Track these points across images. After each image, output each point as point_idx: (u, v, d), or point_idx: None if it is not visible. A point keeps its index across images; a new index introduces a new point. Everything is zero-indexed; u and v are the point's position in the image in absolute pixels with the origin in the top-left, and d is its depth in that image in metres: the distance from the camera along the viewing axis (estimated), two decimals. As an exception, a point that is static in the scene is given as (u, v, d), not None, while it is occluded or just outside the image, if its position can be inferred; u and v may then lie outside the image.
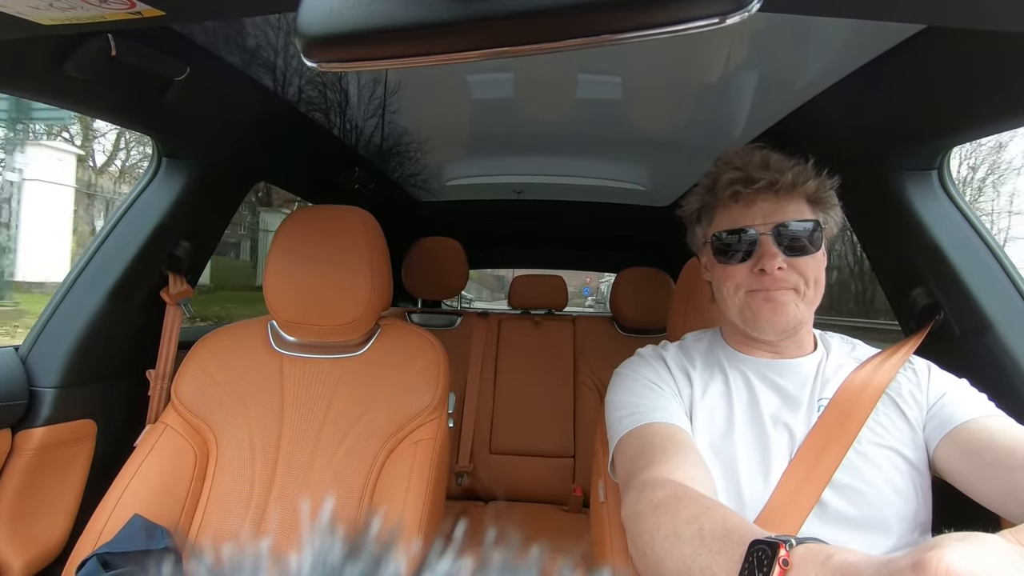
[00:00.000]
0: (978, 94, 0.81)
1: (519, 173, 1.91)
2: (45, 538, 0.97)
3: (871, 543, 0.67)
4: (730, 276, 0.77)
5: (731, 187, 0.76)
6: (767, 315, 0.74)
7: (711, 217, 0.82)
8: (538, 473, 1.76)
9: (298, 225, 1.02)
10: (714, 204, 0.81)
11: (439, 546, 0.17)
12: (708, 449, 0.74)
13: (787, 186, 0.75)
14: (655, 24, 0.35)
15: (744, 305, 0.76)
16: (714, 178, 0.80)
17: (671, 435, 0.71)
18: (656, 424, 0.73)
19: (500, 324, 2.01)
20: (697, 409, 0.77)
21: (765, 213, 0.75)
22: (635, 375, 0.83)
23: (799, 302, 0.75)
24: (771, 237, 0.74)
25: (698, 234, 0.85)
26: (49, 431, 0.97)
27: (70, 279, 1.08)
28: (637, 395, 0.79)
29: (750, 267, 0.75)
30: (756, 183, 0.75)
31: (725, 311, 0.81)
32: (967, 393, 0.75)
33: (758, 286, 0.74)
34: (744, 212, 0.76)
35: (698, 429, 0.76)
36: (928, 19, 0.56)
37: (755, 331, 0.77)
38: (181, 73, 0.92)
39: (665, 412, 0.75)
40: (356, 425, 0.96)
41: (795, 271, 0.74)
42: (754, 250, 0.75)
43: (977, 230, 0.98)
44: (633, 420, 0.75)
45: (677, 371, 0.83)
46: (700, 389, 0.80)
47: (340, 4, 0.36)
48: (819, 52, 0.94)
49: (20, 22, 0.54)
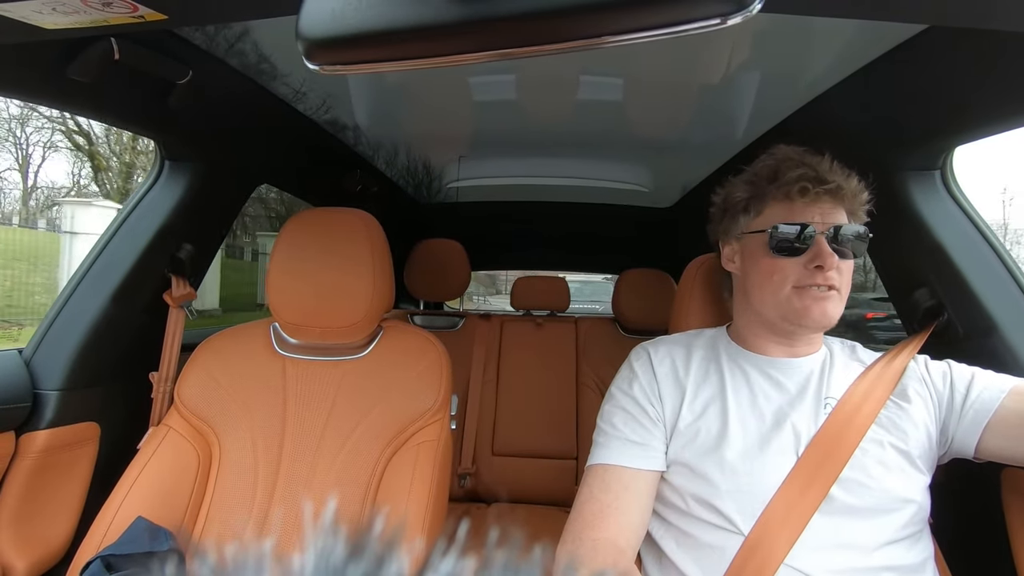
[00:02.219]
0: (982, 94, 0.81)
1: (521, 175, 1.91)
2: (49, 540, 0.97)
3: (874, 529, 0.69)
4: (779, 269, 0.77)
5: (800, 182, 0.77)
6: (816, 312, 0.75)
7: (761, 207, 0.82)
8: (541, 475, 1.76)
9: (301, 227, 1.02)
10: (769, 195, 0.81)
11: (442, 546, 0.17)
12: (699, 449, 0.76)
13: (848, 194, 0.77)
14: (657, 25, 0.35)
15: (789, 299, 0.77)
16: (774, 170, 0.80)
17: (630, 485, 0.77)
18: (622, 469, 0.78)
19: (502, 326, 2.00)
20: (685, 412, 0.79)
21: (823, 213, 0.77)
22: (620, 394, 0.85)
23: (839, 302, 0.77)
24: (826, 237, 0.75)
25: (740, 223, 0.85)
26: (53, 434, 0.98)
27: (74, 282, 1.08)
28: (614, 424, 0.82)
29: (804, 263, 0.76)
30: (827, 184, 0.76)
31: (757, 304, 0.81)
32: (985, 376, 0.77)
33: (810, 282, 0.75)
34: (805, 209, 0.77)
35: (686, 431, 0.78)
36: (931, 19, 0.56)
37: (796, 325, 0.78)
38: (183, 76, 0.92)
39: (635, 453, 0.78)
40: (359, 427, 0.96)
41: (839, 272, 0.76)
42: (808, 247, 0.76)
43: (981, 231, 0.98)
44: (606, 454, 0.80)
45: (664, 375, 0.84)
46: (692, 389, 0.81)
47: (342, 7, 0.36)
48: (821, 52, 0.93)
49: (23, 26, 0.54)
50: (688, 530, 0.74)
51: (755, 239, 0.81)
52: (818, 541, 0.68)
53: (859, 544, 0.68)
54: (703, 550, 0.72)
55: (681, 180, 1.83)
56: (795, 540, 0.67)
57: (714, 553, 0.71)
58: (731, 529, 0.70)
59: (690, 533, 0.74)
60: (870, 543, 0.68)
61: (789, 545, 0.67)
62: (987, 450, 0.72)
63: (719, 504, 0.72)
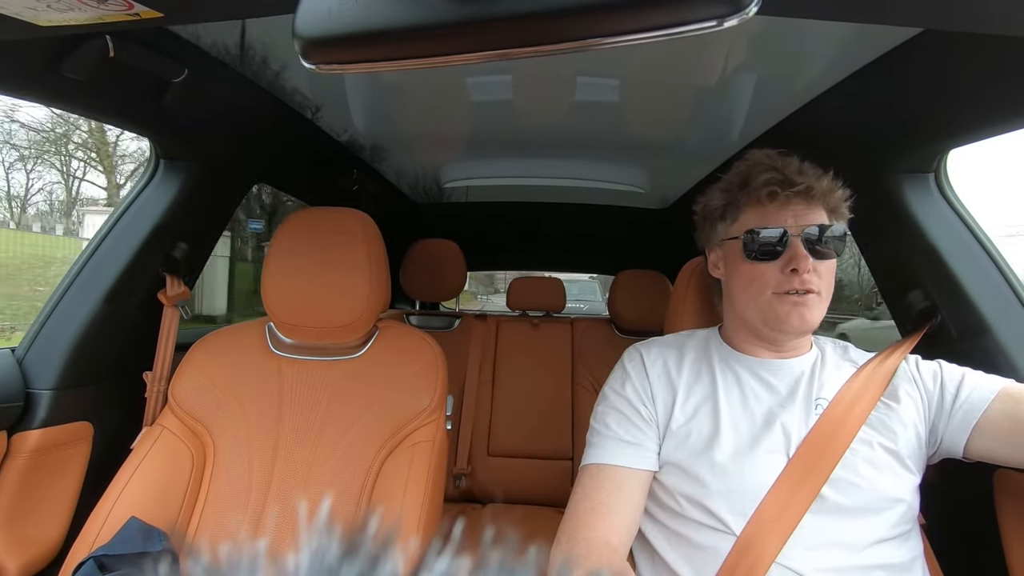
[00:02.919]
0: (976, 97, 0.81)
1: (517, 175, 1.91)
2: (41, 540, 0.96)
3: (865, 529, 0.70)
4: (757, 275, 0.78)
5: (768, 187, 0.77)
6: (795, 318, 0.75)
7: (736, 214, 0.82)
8: (536, 475, 1.76)
9: (296, 227, 1.02)
10: (742, 202, 0.81)
11: (437, 546, 0.17)
12: (691, 450, 0.76)
13: (820, 194, 0.77)
14: (653, 26, 0.35)
15: (769, 305, 0.77)
16: (745, 176, 0.81)
17: (623, 484, 0.77)
18: (615, 468, 0.78)
19: (498, 326, 2.00)
20: (677, 413, 0.80)
21: (796, 216, 0.77)
22: (613, 394, 0.85)
23: (819, 304, 0.76)
24: (801, 240, 0.75)
25: (718, 231, 0.86)
26: (45, 433, 0.97)
27: (67, 281, 1.07)
28: (607, 424, 0.82)
29: (780, 267, 0.76)
30: (795, 186, 0.76)
31: (741, 309, 0.82)
32: (976, 376, 0.77)
33: (787, 287, 0.75)
34: (777, 213, 0.77)
35: (678, 432, 0.78)
36: (926, 23, 0.56)
37: (776, 331, 0.78)
38: (179, 74, 0.92)
39: (628, 452, 0.79)
40: (354, 427, 0.95)
41: (817, 274, 0.75)
42: (783, 251, 0.76)
43: (974, 233, 0.99)
44: (599, 454, 0.80)
45: (656, 376, 0.84)
46: (684, 390, 0.81)
47: (338, 6, 0.36)
48: (817, 55, 0.94)
49: (17, 23, 0.54)
50: (680, 530, 0.75)
51: (733, 246, 0.82)
52: (809, 540, 0.68)
53: (849, 543, 0.69)
54: (695, 550, 0.72)
55: (678, 181, 1.83)
56: (786, 539, 0.68)
57: (706, 553, 0.71)
58: (723, 529, 0.71)
59: (682, 533, 0.74)
60: (860, 542, 0.69)
61: (780, 544, 0.68)
62: (975, 451, 0.73)
63: (710, 504, 0.72)
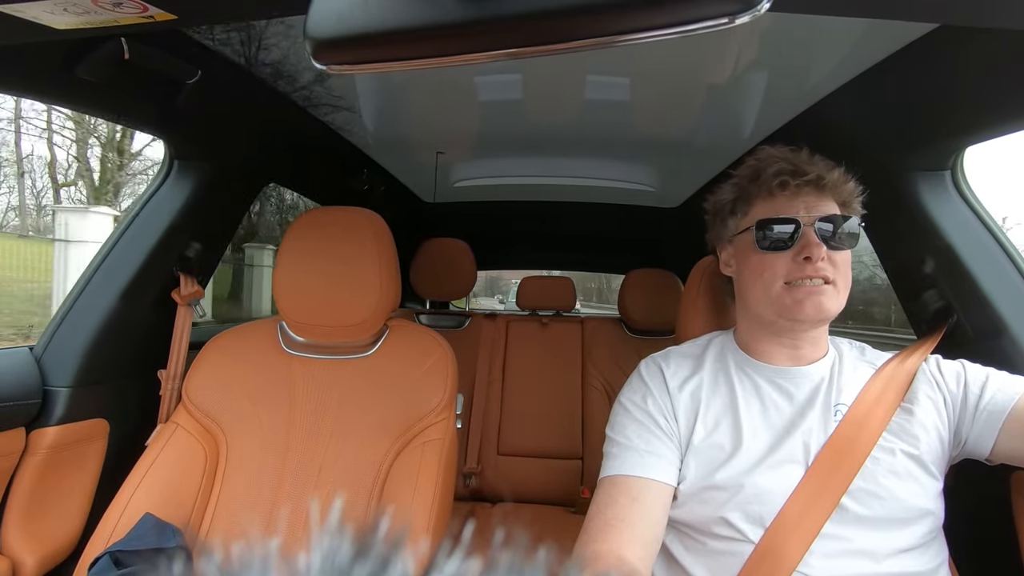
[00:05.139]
0: (992, 94, 0.80)
1: (527, 174, 1.90)
2: (58, 536, 0.98)
3: (887, 539, 0.68)
4: (769, 265, 0.77)
5: (779, 177, 0.77)
6: (809, 307, 0.74)
7: (747, 208, 0.82)
8: (546, 475, 1.76)
9: (307, 226, 1.03)
10: (753, 194, 0.80)
11: (447, 547, 0.17)
12: (711, 463, 0.74)
13: (831, 184, 0.77)
14: (664, 25, 0.35)
15: (781, 295, 0.76)
16: (755, 170, 0.80)
17: (638, 496, 0.74)
18: (631, 479, 0.75)
19: (508, 325, 2.00)
20: (699, 427, 0.78)
21: (808, 206, 0.76)
22: (632, 406, 0.83)
23: (835, 295, 0.75)
24: (814, 229, 0.74)
25: (729, 226, 0.85)
26: (62, 430, 0.98)
27: (83, 280, 1.09)
28: (627, 436, 0.80)
29: (792, 256, 0.75)
30: (805, 175, 0.76)
31: (754, 304, 0.80)
32: (1000, 377, 0.75)
33: (799, 274, 0.74)
34: (788, 203, 0.77)
35: (700, 445, 0.76)
36: (941, 18, 0.55)
37: (791, 320, 0.76)
38: (192, 76, 0.93)
39: (646, 462, 0.76)
40: (364, 425, 0.96)
41: (831, 263, 0.74)
42: (795, 241, 0.75)
43: (992, 231, 0.97)
44: (615, 465, 0.77)
45: (677, 388, 0.82)
46: (705, 404, 0.79)
47: (349, 7, 0.36)
48: (830, 52, 0.93)
49: (35, 26, 0.55)
50: (698, 537, 0.74)
51: (744, 239, 0.81)
52: (829, 548, 0.67)
53: (871, 552, 0.67)
54: (713, 556, 0.71)
55: (689, 180, 1.82)
56: (807, 548, 0.67)
57: (724, 558, 0.70)
58: (740, 538, 0.70)
59: (698, 539, 0.73)
60: (882, 551, 0.67)
61: (801, 553, 0.66)
62: (1002, 452, 0.71)
63: (728, 516, 0.71)
